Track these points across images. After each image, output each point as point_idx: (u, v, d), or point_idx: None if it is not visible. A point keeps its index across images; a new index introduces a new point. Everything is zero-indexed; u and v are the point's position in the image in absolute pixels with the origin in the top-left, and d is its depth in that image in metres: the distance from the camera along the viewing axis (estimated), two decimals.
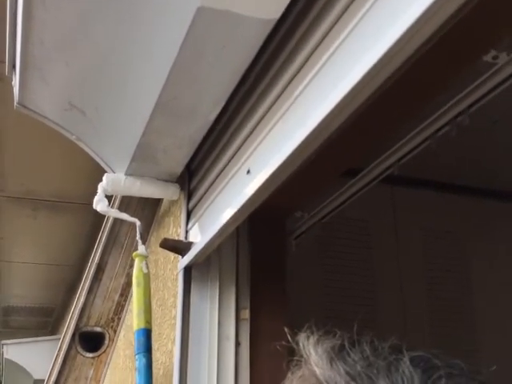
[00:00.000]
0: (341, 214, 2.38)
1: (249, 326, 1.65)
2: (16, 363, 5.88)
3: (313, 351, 0.60)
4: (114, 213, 1.74)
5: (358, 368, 0.56)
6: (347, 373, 0.56)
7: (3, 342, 6.02)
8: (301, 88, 1.11)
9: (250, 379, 1.61)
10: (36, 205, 3.91)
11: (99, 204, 1.65)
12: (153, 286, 2.30)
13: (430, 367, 0.55)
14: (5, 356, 5.89)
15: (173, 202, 2.06)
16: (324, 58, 1.06)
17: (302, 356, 0.64)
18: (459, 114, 1.22)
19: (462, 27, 0.96)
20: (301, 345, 0.62)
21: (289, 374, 0.66)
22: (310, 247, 2.40)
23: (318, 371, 0.58)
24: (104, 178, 1.68)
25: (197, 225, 1.68)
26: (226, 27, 1.08)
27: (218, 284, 1.67)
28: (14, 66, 1.69)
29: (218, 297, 1.66)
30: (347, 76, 0.95)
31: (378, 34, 0.92)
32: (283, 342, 0.70)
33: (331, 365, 0.58)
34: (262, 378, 1.60)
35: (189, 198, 1.75)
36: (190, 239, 1.69)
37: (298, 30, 1.14)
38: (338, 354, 0.59)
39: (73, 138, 1.69)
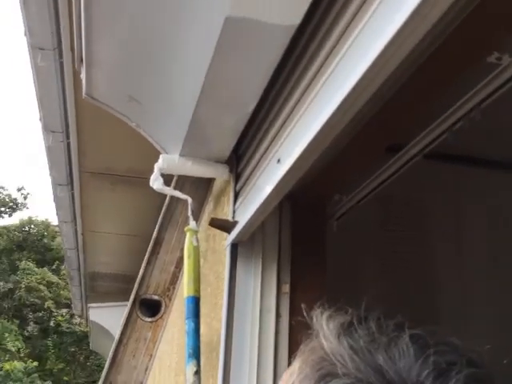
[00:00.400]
0: (395, 192, 2.41)
1: (289, 300, 1.79)
2: (100, 325, 6.33)
3: (324, 326, 0.66)
4: (168, 190, 1.90)
5: (361, 343, 0.62)
6: (351, 347, 0.62)
7: (89, 305, 6.50)
8: (321, 83, 1.22)
9: (289, 348, 1.76)
10: (114, 179, 4.20)
11: (155, 182, 1.82)
12: (210, 259, 2.48)
13: (425, 344, 0.61)
14: (90, 318, 6.36)
15: (227, 183, 2.22)
16: (339, 55, 1.16)
17: (314, 330, 0.75)
18: (471, 109, 1.29)
19: (464, 30, 1.04)
20: (314, 320, 0.70)
21: (301, 346, 0.77)
22: (359, 228, 2.48)
23: (325, 344, 0.64)
24: (160, 158, 1.85)
25: (242, 205, 1.83)
26: (252, 33, 1.20)
27: (261, 260, 1.82)
28: (81, 60, 1.89)
29: (260, 272, 1.81)
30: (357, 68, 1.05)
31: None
32: (299, 318, 0.81)
33: (338, 339, 0.64)
34: (299, 347, 1.73)
35: (237, 179, 1.90)
36: (237, 218, 1.85)
37: (320, 31, 1.25)
38: (345, 330, 0.65)
39: (133, 124, 1.87)
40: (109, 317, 6.18)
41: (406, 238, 2.70)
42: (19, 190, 24.85)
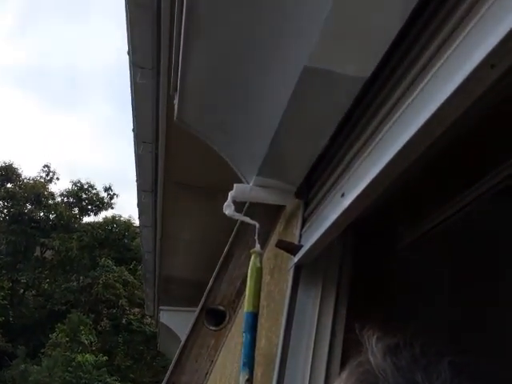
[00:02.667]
0: (465, 225, 2.39)
1: (344, 321, 1.90)
2: (169, 328, 6.57)
3: (373, 345, 0.76)
4: (238, 216, 2.07)
5: (404, 363, 0.71)
6: (394, 364, 0.72)
7: (161, 307, 6.76)
8: (384, 131, 1.35)
9: (341, 365, 1.87)
10: (195, 191, 4.45)
11: (228, 209, 2.00)
12: (277, 276, 2.63)
13: (460, 370, 0.69)
14: (160, 320, 6.62)
15: (297, 208, 2.37)
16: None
17: (364, 348, 0.80)
18: None
19: None
20: (365, 339, 0.79)
21: (351, 360, 0.88)
22: (424, 258, 2.51)
23: (372, 360, 0.74)
24: (234, 187, 2.03)
25: (308, 230, 1.97)
26: (326, 81, 1.35)
27: (321, 283, 1.95)
28: (176, 89, 2.10)
29: (320, 294, 1.94)
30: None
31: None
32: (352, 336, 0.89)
33: (384, 357, 0.73)
34: None
35: (306, 207, 2.04)
36: (303, 242, 1.99)
37: (389, 83, 1.38)
38: (392, 350, 0.75)
39: (216, 148, 2.06)
40: (178, 321, 6.39)
41: (474, 274, 2.70)
42: (106, 190, 25.94)
